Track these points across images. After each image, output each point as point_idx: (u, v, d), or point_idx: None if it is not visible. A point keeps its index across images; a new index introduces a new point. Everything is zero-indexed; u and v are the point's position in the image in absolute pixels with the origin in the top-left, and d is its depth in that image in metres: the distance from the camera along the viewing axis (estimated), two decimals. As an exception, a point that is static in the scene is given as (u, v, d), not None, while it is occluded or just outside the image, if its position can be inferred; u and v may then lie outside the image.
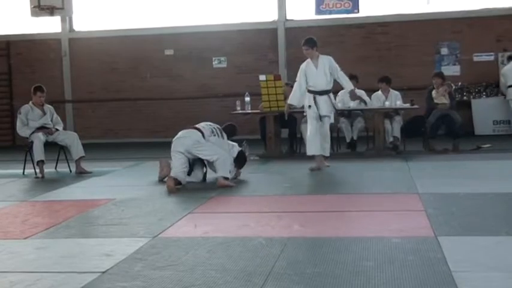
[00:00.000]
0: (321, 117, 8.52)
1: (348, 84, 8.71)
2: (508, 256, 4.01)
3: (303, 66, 8.62)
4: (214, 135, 7.62)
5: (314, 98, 8.49)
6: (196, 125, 7.71)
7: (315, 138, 8.52)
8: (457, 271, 3.64)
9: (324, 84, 8.50)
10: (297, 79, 8.65)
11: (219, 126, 7.82)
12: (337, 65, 8.57)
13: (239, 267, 3.92)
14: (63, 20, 15.54)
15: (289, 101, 8.97)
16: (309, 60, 8.57)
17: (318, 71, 8.49)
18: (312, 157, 8.53)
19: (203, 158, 7.52)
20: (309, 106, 8.53)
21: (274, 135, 10.51)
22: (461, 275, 3.57)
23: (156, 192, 7.02)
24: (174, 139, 7.56)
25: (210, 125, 7.75)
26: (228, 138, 7.87)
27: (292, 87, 11.17)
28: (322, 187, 7.06)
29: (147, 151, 12.43)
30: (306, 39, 8.62)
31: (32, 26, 15.62)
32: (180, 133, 7.62)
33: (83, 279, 3.74)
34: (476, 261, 3.86)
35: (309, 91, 8.53)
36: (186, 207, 6.09)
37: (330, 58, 8.61)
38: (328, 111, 8.56)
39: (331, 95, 8.67)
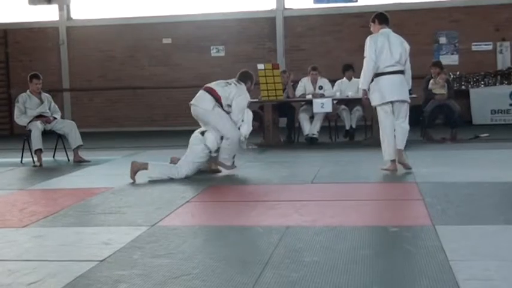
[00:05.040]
0: None
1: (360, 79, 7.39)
2: (505, 245, 4.02)
3: None
4: (230, 84, 7.55)
5: None
6: (208, 85, 7.59)
7: None
8: (454, 260, 3.65)
9: None
10: None
11: (234, 80, 7.69)
12: (367, 50, 7.24)
13: (237, 256, 3.93)
14: (60, 9, 15.51)
15: None
16: None
17: None
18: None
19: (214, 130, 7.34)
20: None
21: (272, 124, 10.51)
22: (458, 263, 3.58)
23: (154, 181, 7.02)
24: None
25: (222, 81, 7.67)
26: (246, 84, 7.71)
27: (287, 74, 11.20)
28: (320, 176, 7.06)
29: (145, 140, 12.43)
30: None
31: (29, 14, 15.57)
32: (193, 99, 7.51)
33: (81, 268, 3.75)
34: (474, 250, 3.87)
35: None
36: (184, 196, 6.10)
37: (368, 39, 7.36)
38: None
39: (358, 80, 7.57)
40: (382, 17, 7.41)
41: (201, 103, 7.41)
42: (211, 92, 7.45)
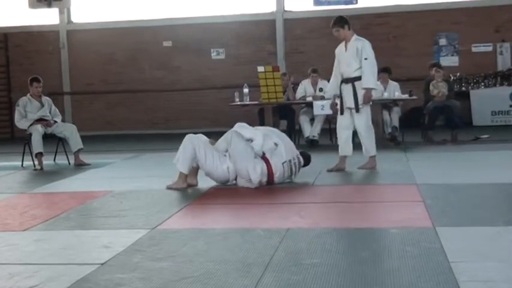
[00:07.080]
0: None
1: (365, 80, 7.27)
2: (505, 246, 4.02)
3: (336, 50, 7.64)
4: None
5: (340, 87, 7.52)
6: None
7: (340, 135, 7.65)
8: (455, 261, 3.65)
9: (349, 70, 7.37)
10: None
11: None
12: (369, 53, 7.27)
13: (238, 259, 3.93)
14: (61, 12, 15.50)
15: (325, 94, 8.62)
16: (342, 43, 7.53)
17: (347, 53, 7.41)
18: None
19: None
20: (338, 96, 7.60)
21: (272, 127, 10.49)
22: (459, 265, 3.58)
23: (154, 184, 7.02)
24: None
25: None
26: None
27: (288, 77, 11.22)
28: (320, 178, 7.06)
29: (145, 143, 12.43)
30: (334, 20, 7.46)
31: (29, 18, 15.57)
32: None
33: (81, 271, 3.75)
34: (474, 252, 3.87)
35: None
36: (184, 199, 6.10)
37: (365, 42, 7.35)
38: (353, 103, 7.39)
39: (361, 83, 7.33)
40: (346, 21, 7.44)
41: None
42: None
